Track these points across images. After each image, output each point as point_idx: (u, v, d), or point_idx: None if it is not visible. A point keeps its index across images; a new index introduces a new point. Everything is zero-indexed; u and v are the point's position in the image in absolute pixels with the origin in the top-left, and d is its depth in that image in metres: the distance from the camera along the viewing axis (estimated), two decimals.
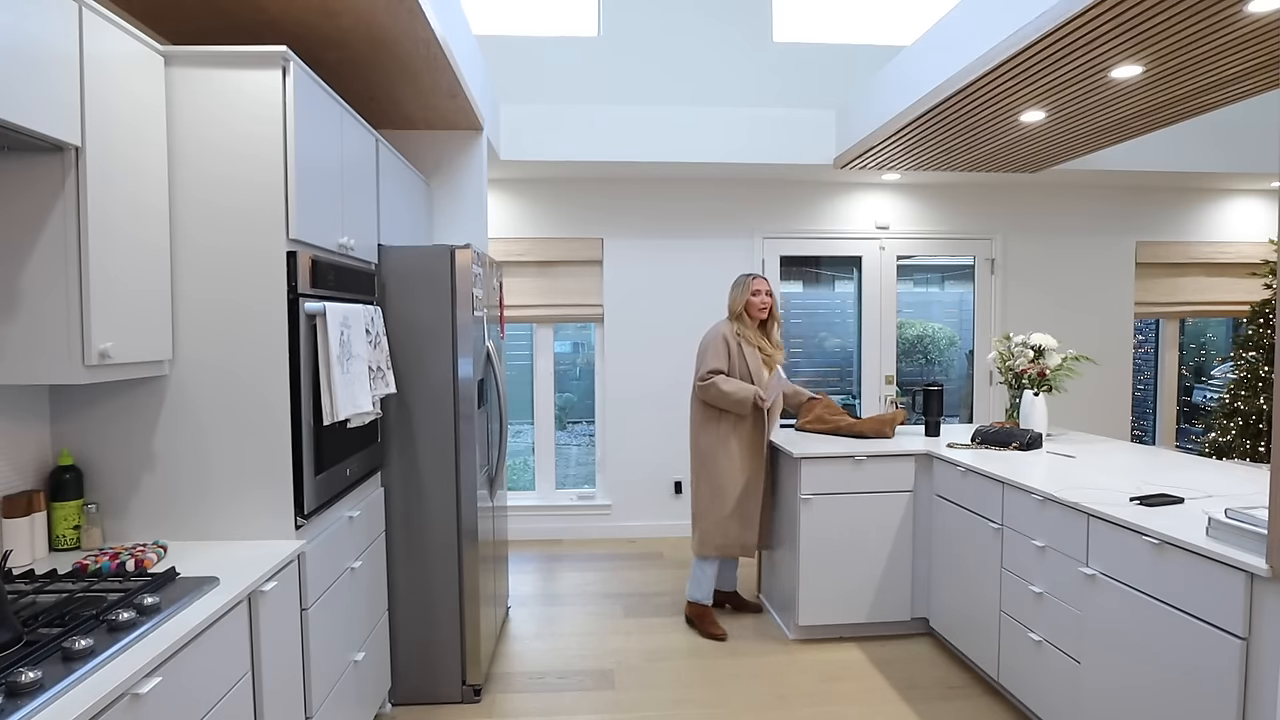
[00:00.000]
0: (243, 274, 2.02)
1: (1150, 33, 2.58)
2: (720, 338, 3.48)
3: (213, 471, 2.04)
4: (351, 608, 2.44)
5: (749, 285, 3.52)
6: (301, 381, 2.09)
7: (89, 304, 1.64)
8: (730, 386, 3.38)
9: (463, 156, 3.84)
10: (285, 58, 2.01)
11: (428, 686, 2.93)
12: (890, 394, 5.44)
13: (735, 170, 4.95)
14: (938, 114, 3.57)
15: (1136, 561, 2.16)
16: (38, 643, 1.32)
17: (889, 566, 3.46)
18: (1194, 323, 6.28)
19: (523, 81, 4.74)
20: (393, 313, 2.84)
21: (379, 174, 2.88)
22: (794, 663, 3.29)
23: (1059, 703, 2.51)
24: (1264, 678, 1.78)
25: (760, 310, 3.51)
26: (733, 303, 3.56)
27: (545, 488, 5.35)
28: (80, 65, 1.61)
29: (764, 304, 3.51)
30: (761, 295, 3.51)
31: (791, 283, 5.74)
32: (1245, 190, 5.65)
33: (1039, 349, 3.64)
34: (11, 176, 1.61)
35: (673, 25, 4.93)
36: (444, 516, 2.91)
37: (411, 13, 2.45)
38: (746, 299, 3.51)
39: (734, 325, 3.53)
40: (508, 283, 5.01)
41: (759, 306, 3.50)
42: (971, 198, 5.45)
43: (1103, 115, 3.56)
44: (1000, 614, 2.85)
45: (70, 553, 1.94)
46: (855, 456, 3.41)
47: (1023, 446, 3.33)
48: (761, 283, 3.53)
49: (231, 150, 2.00)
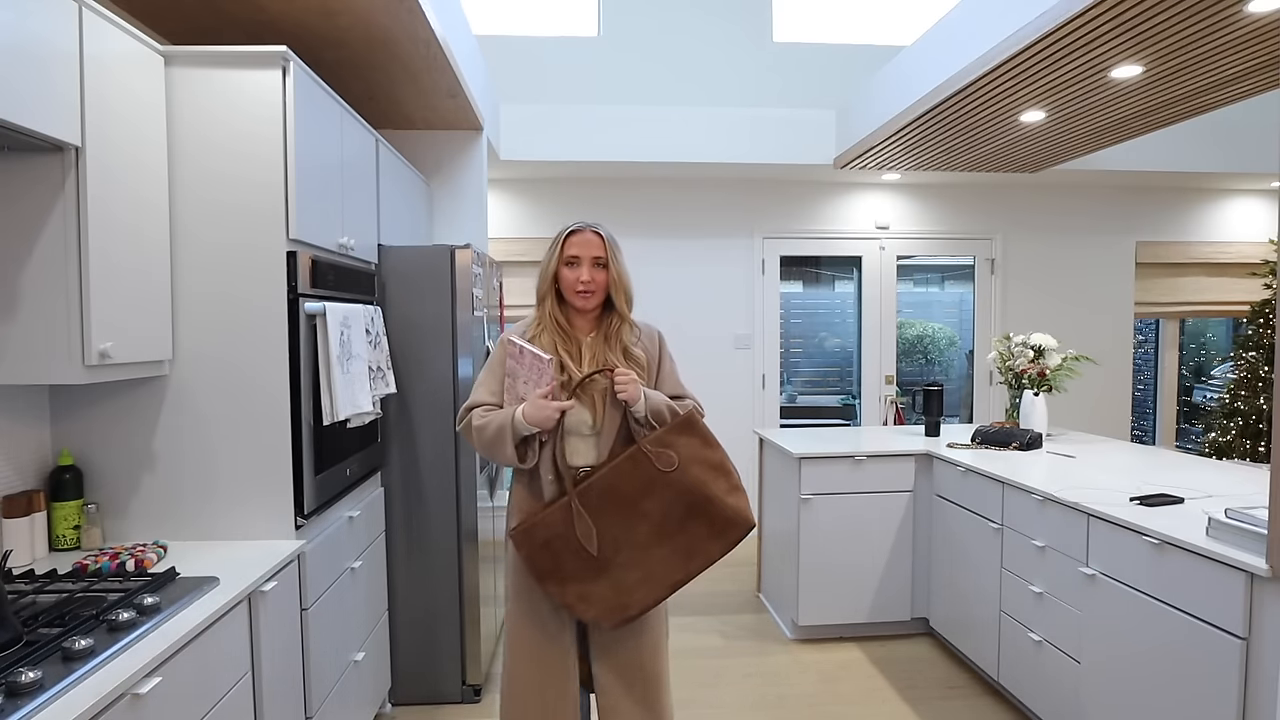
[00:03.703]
0: (243, 273, 2.02)
1: (1150, 33, 2.58)
2: (502, 343, 1.90)
3: (213, 471, 2.04)
4: (351, 608, 2.44)
5: (560, 245, 1.90)
6: (301, 381, 2.09)
7: (89, 304, 1.64)
8: (483, 421, 1.85)
9: (463, 156, 3.84)
10: (285, 58, 2.01)
11: (428, 686, 2.93)
12: (890, 394, 5.44)
13: (735, 170, 4.95)
14: (937, 114, 3.57)
15: (1136, 561, 2.16)
16: (38, 643, 1.32)
17: (889, 566, 3.46)
18: (1194, 323, 6.28)
19: (523, 81, 4.74)
20: (393, 313, 2.83)
21: (379, 174, 2.88)
22: (794, 663, 3.28)
23: (1059, 703, 2.50)
24: (1264, 678, 1.78)
25: (584, 294, 1.89)
26: (539, 278, 1.95)
27: None
28: (80, 65, 1.61)
29: (589, 283, 1.88)
30: (583, 265, 1.87)
31: (791, 283, 5.74)
32: (1245, 190, 5.65)
33: (1039, 349, 3.64)
34: (11, 176, 1.61)
35: (673, 25, 4.93)
36: (444, 516, 2.90)
37: (411, 13, 2.45)
38: (555, 268, 1.91)
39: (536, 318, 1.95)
40: (508, 283, 5.01)
41: (579, 287, 1.88)
42: (971, 198, 5.45)
43: (1103, 115, 3.56)
44: (1000, 614, 2.85)
45: (70, 553, 1.94)
46: (855, 456, 3.41)
47: (1023, 446, 3.33)
48: (585, 240, 1.89)
49: (231, 150, 2.00)
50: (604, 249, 1.89)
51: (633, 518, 1.79)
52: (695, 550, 1.80)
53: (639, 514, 1.79)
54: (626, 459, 1.80)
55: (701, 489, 1.79)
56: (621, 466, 1.80)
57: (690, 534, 1.80)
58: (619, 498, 1.78)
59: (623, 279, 1.92)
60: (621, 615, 1.79)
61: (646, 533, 1.79)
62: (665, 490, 1.78)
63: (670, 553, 1.79)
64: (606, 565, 1.78)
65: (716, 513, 1.80)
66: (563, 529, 1.78)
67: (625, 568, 1.78)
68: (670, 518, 1.79)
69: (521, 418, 1.77)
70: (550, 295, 1.93)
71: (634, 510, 1.79)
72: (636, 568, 1.78)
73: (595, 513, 1.78)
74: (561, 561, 1.79)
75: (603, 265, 1.89)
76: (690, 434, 1.83)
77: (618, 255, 1.92)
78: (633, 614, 1.80)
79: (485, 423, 1.84)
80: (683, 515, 1.79)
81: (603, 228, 1.93)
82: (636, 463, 1.79)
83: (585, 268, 1.87)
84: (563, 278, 1.90)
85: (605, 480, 1.79)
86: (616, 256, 1.92)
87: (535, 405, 1.76)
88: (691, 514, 1.79)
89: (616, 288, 1.91)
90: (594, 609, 1.79)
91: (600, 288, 1.90)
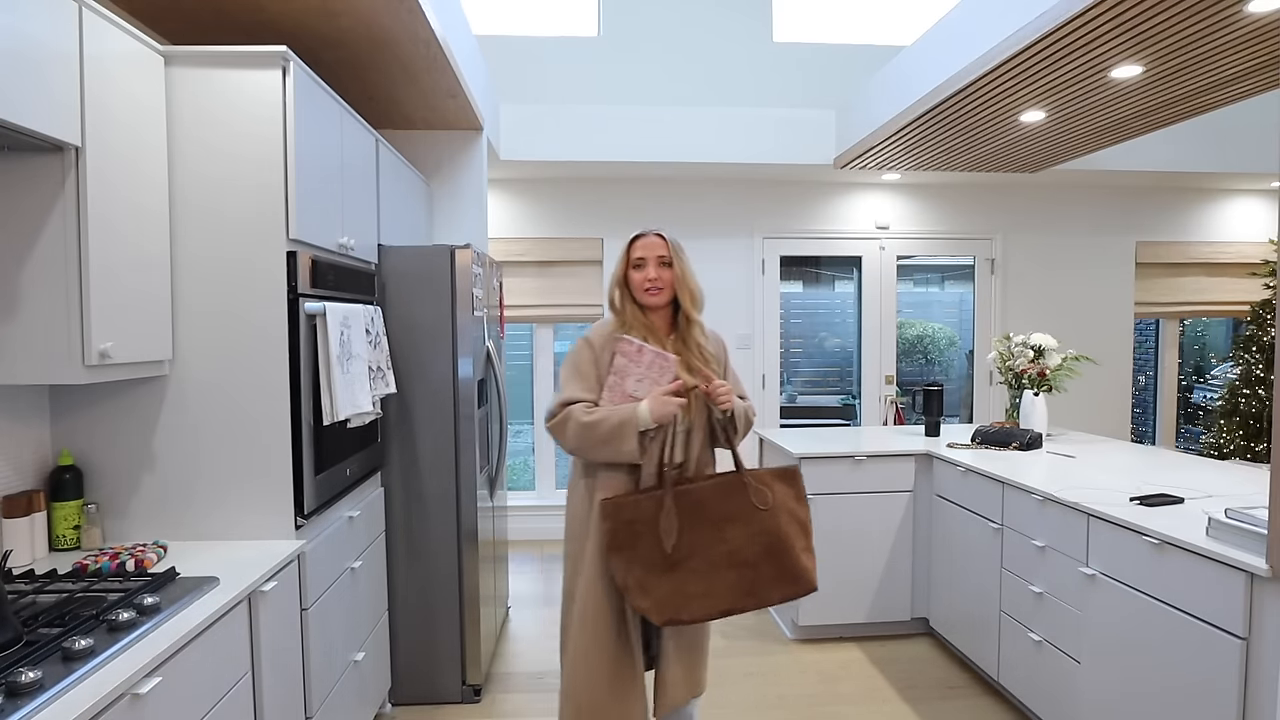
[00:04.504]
0: (243, 274, 2.02)
1: (1150, 33, 2.58)
2: (583, 345, 2.02)
3: (213, 471, 2.04)
4: (351, 608, 2.44)
5: (626, 250, 2.05)
6: (301, 381, 2.09)
7: (89, 304, 1.64)
8: (596, 416, 1.90)
9: (463, 156, 3.84)
10: (285, 58, 2.01)
11: (428, 686, 2.93)
12: (890, 394, 5.44)
13: (735, 170, 4.95)
14: (937, 114, 3.57)
15: (1136, 561, 2.16)
16: (38, 643, 1.32)
17: (889, 566, 3.46)
18: (1194, 323, 6.28)
19: (523, 81, 4.74)
20: (393, 313, 2.83)
21: (379, 174, 2.88)
22: (794, 663, 3.28)
23: (1059, 703, 2.50)
24: (1264, 678, 1.78)
25: (651, 291, 2.00)
26: (610, 285, 2.09)
27: (545, 488, 5.34)
28: (80, 65, 1.61)
29: (655, 280, 1.99)
30: (649, 265, 2.00)
31: (791, 283, 5.74)
32: (1245, 190, 5.65)
33: (1039, 349, 3.64)
34: (11, 176, 1.61)
35: (672, 25, 4.93)
36: (444, 517, 2.90)
37: (411, 13, 2.45)
38: (624, 272, 2.04)
39: (613, 323, 2.04)
40: (508, 283, 5.01)
41: (645, 285, 2.00)
42: (971, 198, 5.45)
43: (1103, 115, 3.56)
44: (1000, 614, 2.85)
45: (70, 553, 1.94)
46: (855, 456, 3.41)
47: (1023, 446, 3.33)
48: (648, 243, 2.02)
49: (231, 150, 2.00)
50: (667, 249, 2.01)
51: (714, 536, 1.85)
52: (758, 589, 1.86)
53: (721, 535, 1.86)
54: (725, 482, 1.89)
55: (783, 537, 1.87)
56: (720, 486, 1.88)
57: (759, 573, 1.86)
58: (709, 513, 1.86)
59: (688, 277, 2.03)
60: (671, 617, 1.84)
61: (722, 554, 1.85)
62: (751, 524, 1.86)
63: (737, 580, 1.85)
64: (675, 566, 1.83)
65: (788, 564, 1.87)
66: (650, 516, 1.84)
67: (691, 576, 1.84)
68: (747, 550, 1.86)
69: (646, 412, 1.85)
70: (626, 299, 2.04)
71: (718, 530, 1.86)
72: (702, 580, 1.84)
73: (683, 515, 1.85)
74: (637, 544, 1.84)
75: (668, 264, 2.00)
76: (790, 484, 1.94)
77: (682, 255, 2.04)
78: (682, 620, 1.85)
79: (599, 418, 1.89)
80: (758, 554, 1.86)
81: (666, 231, 2.04)
82: (732, 489, 1.88)
83: (651, 267, 1.99)
84: (632, 280, 2.02)
85: (702, 492, 1.87)
86: (681, 257, 2.03)
87: (659, 401, 1.86)
88: (766, 555, 1.86)
89: (682, 285, 2.01)
90: (648, 601, 1.84)
91: (668, 285, 2.01)
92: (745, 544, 1.86)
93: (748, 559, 1.85)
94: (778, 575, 1.87)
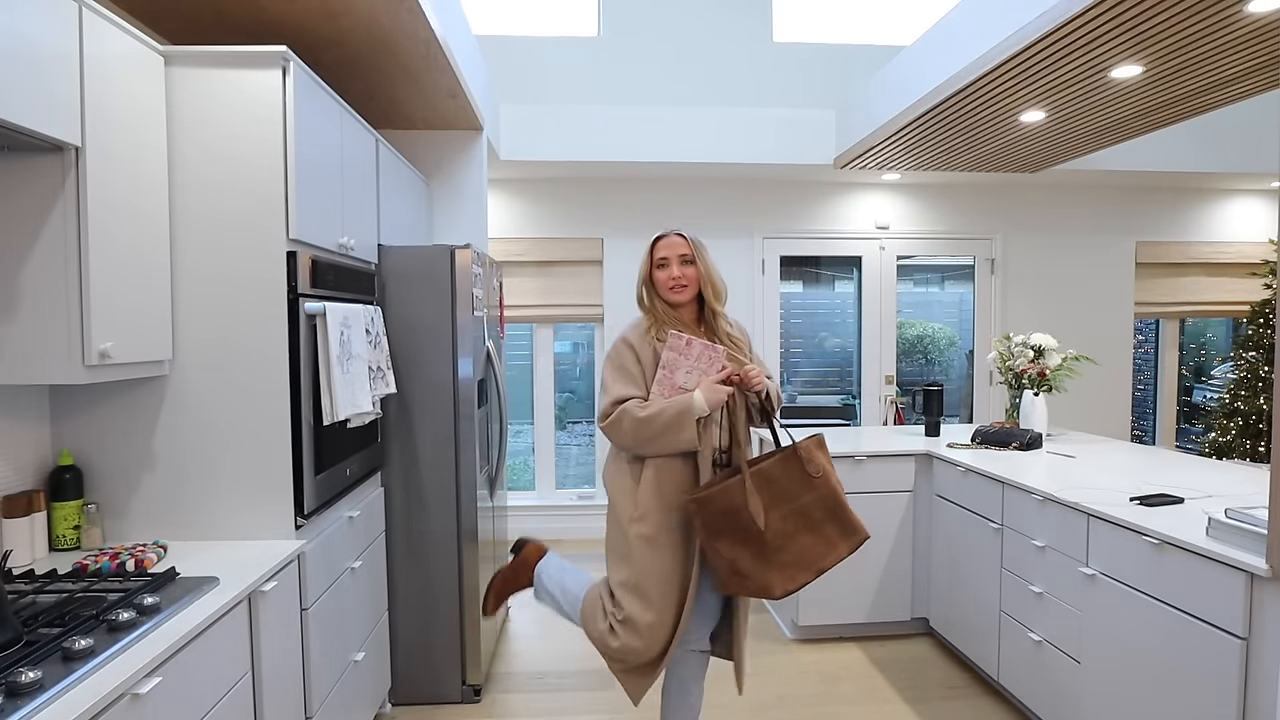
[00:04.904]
0: (243, 274, 2.02)
1: (1150, 33, 2.58)
2: (623, 345, 2.12)
3: (213, 471, 2.04)
4: (351, 608, 2.44)
5: (649, 251, 2.15)
6: (301, 381, 2.09)
7: (89, 304, 1.64)
8: (652, 410, 1.99)
9: (463, 156, 3.84)
10: (285, 58, 2.01)
11: (428, 686, 2.93)
12: (890, 394, 5.44)
13: (735, 170, 4.95)
14: (937, 114, 3.57)
15: (1136, 561, 2.16)
16: (38, 643, 1.32)
17: (889, 566, 3.46)
18: (1194, 323, 6.28)
19: (523, 81, 4.74)
20: (393, 313, 2.83)
21: (379, 174, 2.88)
22: (794, 663, 3.28)
23: (1059, 703, 2.50)
24: (1264, 678, 1.78)
25: (676, 289, 2.10)
26: (638, 285, 2.18)
27: (545, 488, 5.34)
28: (80, 65, 1.61)
29: (679, 278, 2.09)
30: (672, 264, 2.09)
31: (791, 283, 5.74)
32: (1245, 190, 5.65)
33: (1039, 349, 3.64)
34: (11, 176, 1.61)
35: (672, 25, 4.93)
36: (444, 516, 2.91)
37: (411, 13, 2.45)
38: (649, 272, 2.14)
39: (646, 321, 2.14)
40: (508, 283, 5.01)
41: (670, 283, 2.10)
42: (971, 198, 5.45)
43: (1103, 115, 3.56)
44: (1000, 614, 2.85)
45: (70, 553, 1.94)
46: (855, 456, 3.41)
47: (1023, 446, 3.33)
48: (670, 243, 2.12)
49: (231, 150, 2.00)
50: (689, 247, 2.11)
51: (789, 508, 1.99)
52: (831, 547, 2.00)
53: (794, 506, 1.99)
54: (784, 457, 2.00)
55: (839, 496, 2.02)
56: (780, 461, 2.00)
57: (826, 533, 2.01)
58: (779, 488, 1.99)
59: (710, 273, 2.13)
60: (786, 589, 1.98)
61: (799, 523, 1.99)
62: (812, 491, 2.00)
63: (813, 543, 1.99)
64: (768, 543, 1.95)
65: (847, 519, 2.02)
66: (739, 502, 1.94)
67: (783, 549, 1.97)
68: (814, 514, 2.00)
69: (703, 401, 1.96)
70: (653, 298, 2.15)
71: (791, 501, 1.99)
72: (791, 550, 1.98)
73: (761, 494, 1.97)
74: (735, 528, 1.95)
75: (690, 262, 2.11)
76: (824, 451, 2.07)
77: (703, 253, 2.14)
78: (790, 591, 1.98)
79: (654, 412, 1.99)
80: (823, 516, 2.00)
81: (687, 230, 2.15)
82: (789, 461, 2.00)
83: (674, 266, 2.10)
84: (656, 279, 2.13)
85: (771, 469, 1.99)
86: (702, 254, 2.13)
87: (711, 389, 1.97)
88: (829, 516, 2.00)
89: (705, 281, 2.12)
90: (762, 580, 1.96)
91: (691, 281, 2.11)
92: (812, 508, 1.99)
93: (816, 522, 1.99)
94: (841, 531, 2.00)
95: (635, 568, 2.06)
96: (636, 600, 2.04)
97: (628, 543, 2.08)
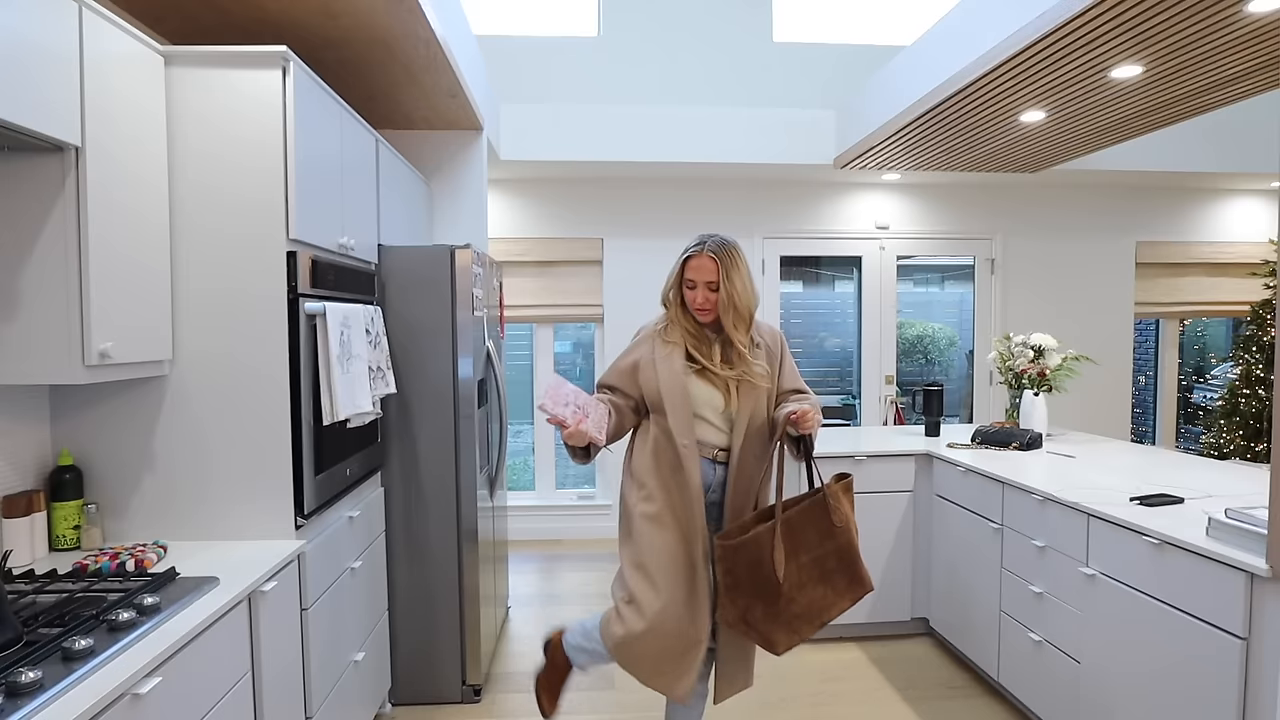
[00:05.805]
0: (243, 273, 2.02)
1: (1150, 33, 2.58)
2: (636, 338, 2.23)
3: (213, 471, 2.04)
4: (351, 608, 2.44)
5: (679, 268, 2.14)
6: (301, 381, 2.09)
7: (89, 304, 1.64)
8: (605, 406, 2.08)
9: (463, 156, 3.84)
10: (285, 58, 2.01)
11: (428, 686, 2.93)
12: (890, 394, 5.44)
13: (735, 170, 4.95)
14: (937, 114, 3.57)
15: (1136, 561, 2.16)
16: (38, 643, 1.32)
17: (889, 566, 3.46)
18: (1194, 323, 6.28)
19: (523, 81, 4.74)
20: (393, 313, 2.83)
21: (379, 174, 2.88)
22: (794, 663, 3.28)
23: (1059, 703, 2.50)
24: (1264, 678, 1.78)
25: (699, 310, 2.12)
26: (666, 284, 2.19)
27: (545, 488, 5.34)
28: (80, 65, 1.61)
29: (703, 304, 2.10)
30: (699, 289, 2.09)
31: (791, 283, 5.74)
32: (1245, 190, 5.65)
33: (1039, 349, 3.64)
34: (11, 176, 1.61)
35: (673, 25, 4.93)
36: (444, 516, 2.90)
37: (411, 13, 2.45)
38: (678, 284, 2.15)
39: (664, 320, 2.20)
40: (508, 283, 5.01)
41: (694, 301, 2.11)
42: (971, 198, 5.45)
43: (1103, 115, 3.56)
44: (1000, 614, 2.85)
45: (70, 553, 1.94)
46: (855, 456, 3.41)
47: (1023, 446, 3.33)
48: (699, 266, 2.08)
49: (231, 150, 2.00)
50: (716, 274, 2.07)
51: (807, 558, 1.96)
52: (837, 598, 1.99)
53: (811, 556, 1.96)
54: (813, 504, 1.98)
55: (854, 548, 1.99)
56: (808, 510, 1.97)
57: (836, 583, 1.99)
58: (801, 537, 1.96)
59: (734, 297, 2.09)
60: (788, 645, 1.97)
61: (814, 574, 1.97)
62: (832, 540, 1.98)
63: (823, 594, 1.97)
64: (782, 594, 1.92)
65: (856, 571, 2.00)
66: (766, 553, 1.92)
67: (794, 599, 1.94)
68: (828, 563, 1.98)
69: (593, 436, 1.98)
70: (676, 303, 2.15)
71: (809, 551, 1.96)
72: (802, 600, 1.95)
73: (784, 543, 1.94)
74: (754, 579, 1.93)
75: (716, 289, 2.08)
76: (850, 495, 2.05)
77: (732, 275, 2.08)
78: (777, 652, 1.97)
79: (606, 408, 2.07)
80: (835, 566, 1.98)
81: (721, 247, 2.09)
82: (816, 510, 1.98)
83: (700, 291, 2.09)
84: (685, 293, 2.13)
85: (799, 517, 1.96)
86: (730, 277, 2.08)
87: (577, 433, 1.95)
88: (840, 566, 1.99)
89: (725, 309, 2.09)
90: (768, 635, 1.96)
91: (714, 307, 2.10)
92: (828, 558, 1.97)
93: (828, 571, 1.97)
94: (849, 582, 1.99)
95: (639, 545, 2.09)
96: (641, 577, 2.07)
97: (631, 522, 2.13)
